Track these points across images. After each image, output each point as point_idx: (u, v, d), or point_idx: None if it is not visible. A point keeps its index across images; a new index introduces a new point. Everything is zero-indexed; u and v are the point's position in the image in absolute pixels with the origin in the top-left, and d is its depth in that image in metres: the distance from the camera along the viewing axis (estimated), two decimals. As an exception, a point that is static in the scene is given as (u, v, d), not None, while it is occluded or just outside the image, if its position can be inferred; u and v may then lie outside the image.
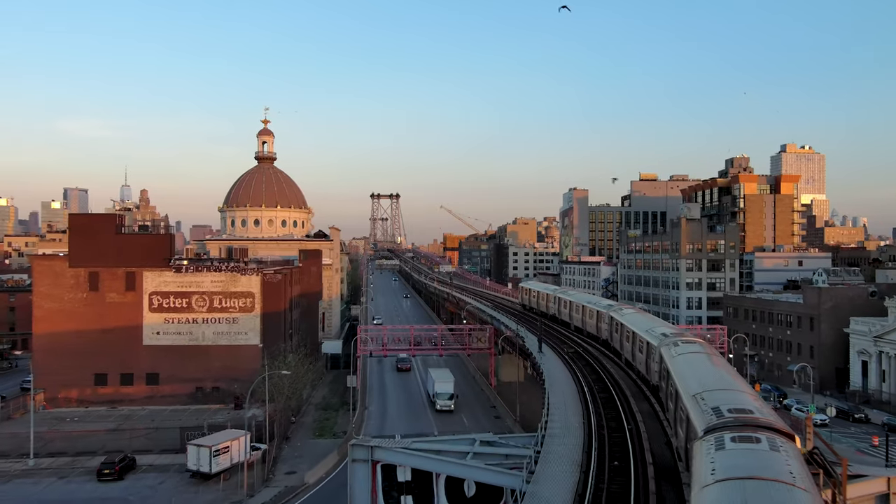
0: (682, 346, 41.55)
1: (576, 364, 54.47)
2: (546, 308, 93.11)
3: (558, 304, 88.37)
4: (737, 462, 20.66)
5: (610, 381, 49.72)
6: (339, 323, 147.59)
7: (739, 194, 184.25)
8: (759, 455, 21.22)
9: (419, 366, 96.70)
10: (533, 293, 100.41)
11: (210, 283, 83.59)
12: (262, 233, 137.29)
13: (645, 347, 50.21)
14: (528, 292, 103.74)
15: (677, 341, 43.23)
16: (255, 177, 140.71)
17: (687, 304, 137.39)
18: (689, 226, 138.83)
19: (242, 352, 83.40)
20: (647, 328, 52.38)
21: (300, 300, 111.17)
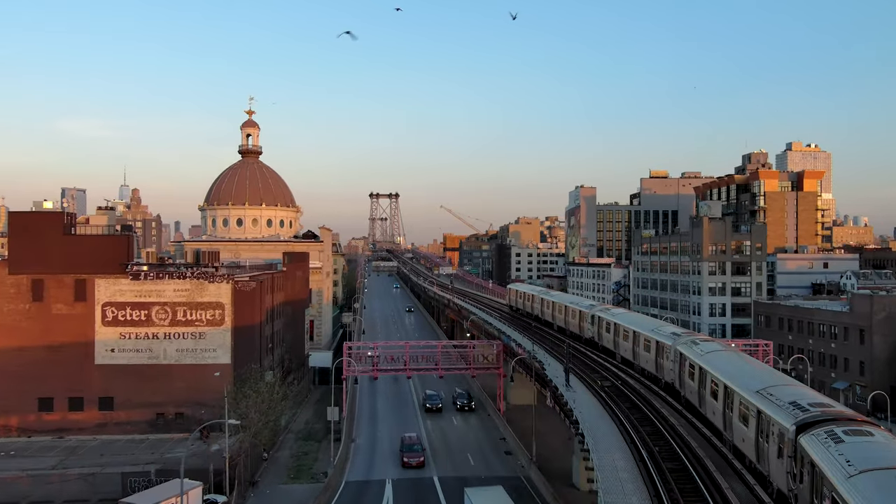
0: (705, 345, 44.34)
1: (616, 405, 42.75)
2: (531, 309, 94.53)
3: (542, 304, 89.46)
4: (868, 454, 23.14)
5: (672, 435, 38.13)
6: (330, 331, 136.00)
7: (759, 192, 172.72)
8: (883, 447, 24.13)
9: (416, 385, 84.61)
10: (519, 294, 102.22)
11: (173, 292, 72.00)
12: (245, 233, 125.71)
13: (653, 346, 51.57)
14: (514, 293, 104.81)
15: (696, 340, 46.64)
16: (238, 172, 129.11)
17: (710, 310, 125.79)
18: (711, 225, 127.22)
19: (210, 372, 71.79)
20: (653, 328, 54.71)
21: (284, 308, 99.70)
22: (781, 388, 32.51)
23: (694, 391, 42.23)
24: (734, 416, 34.77)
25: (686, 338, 48.42)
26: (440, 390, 79.28)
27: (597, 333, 66.83)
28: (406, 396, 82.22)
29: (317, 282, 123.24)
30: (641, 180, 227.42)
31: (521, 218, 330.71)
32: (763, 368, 39.38)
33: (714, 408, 38.18)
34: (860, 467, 22.15)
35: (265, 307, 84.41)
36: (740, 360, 41.03)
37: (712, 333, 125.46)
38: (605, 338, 64.58)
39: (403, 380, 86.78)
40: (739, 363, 40.20)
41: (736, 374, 36.96)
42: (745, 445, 33.30)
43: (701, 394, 40.71)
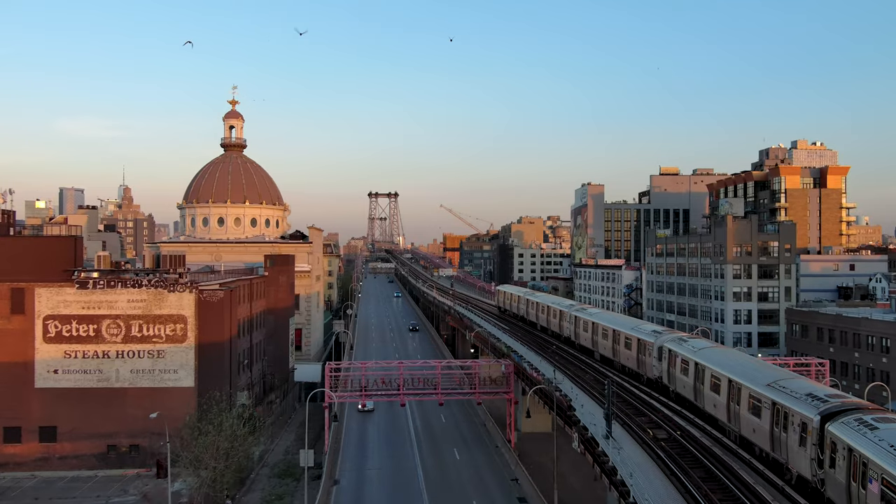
0: (695, 342, 47.24)
1: (685, 474, 31.81)
2: (517, 309, 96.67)
3: (527, 305, 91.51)
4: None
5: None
6: (321, 339, 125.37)
7: (780, 189, 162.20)
8: None
9: (413, 410, 73.72)
10: (506, 295, 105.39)
11: (127, 303, 61.43)
12: (227, 234, 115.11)
13: (635, 344, 53.92)
14: (503, 295, 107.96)
15: (683, 338, 49.37)
16: (219, 167, 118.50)
17: (734, 317, 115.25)
18: (736, 224, 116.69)
19: (170, 397, 61.34)
20: (633, 326, 57.52)
21: (265, 317, 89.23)
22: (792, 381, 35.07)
23: (688, 386, 44.44)
24: (741, 408, 36.84)
25: (670, 335, 51.32)
26: None
27: (574, 333, 69.95)
28: (401, 422, 71.57)
29: (305, 286, 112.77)
30: (651, 177, 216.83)
31: (523, 217, 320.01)
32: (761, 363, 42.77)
33: (715, 401, 40.36)
34: None
35: (239, 318, 73.82)
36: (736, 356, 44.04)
37: (737, 342, 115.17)
38: (582, 336, 67.53)
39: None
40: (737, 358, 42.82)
41: (738, 368, 39.49)
42: (757, 436, 35.26)
43: (697, 388, 43.03)
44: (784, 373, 38.32)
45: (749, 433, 36.49)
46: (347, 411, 74.13)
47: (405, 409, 70.12)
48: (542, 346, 67.15)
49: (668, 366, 48.34)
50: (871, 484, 25.43)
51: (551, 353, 62.50)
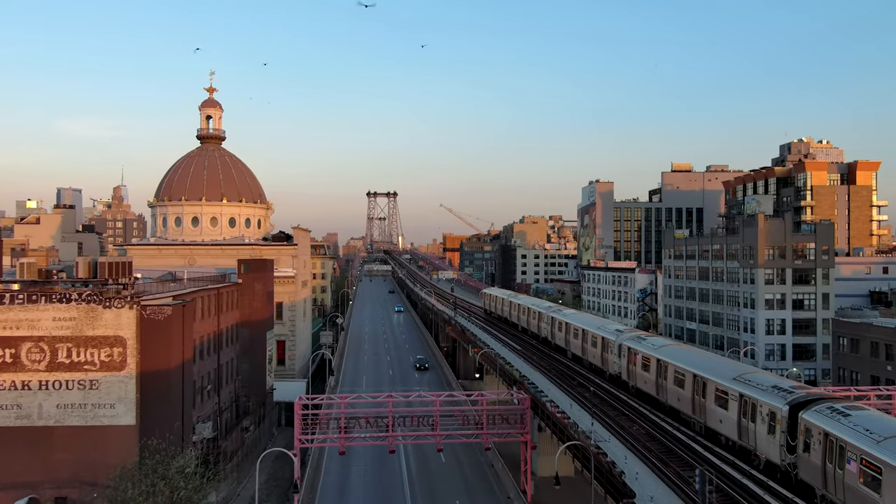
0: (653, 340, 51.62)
1: None
2: (501, 311, 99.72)
3: (509, 307, 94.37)
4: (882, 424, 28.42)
5: None
6: (307, 352, 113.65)
7: (805, 185, 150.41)
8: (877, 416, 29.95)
9: (407, 447, 61.40)
10: (492, 298, 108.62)
11: (52, 321, 49.82)
12: (202, 235, 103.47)
13: (599, 342, 57.74)
14: (488, 297, 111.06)
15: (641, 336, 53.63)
16: (194, 161, 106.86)
17: (766, 327, 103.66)
18: (768, 224, 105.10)
19: (106, 437, 49.80)
20: (599, 325, 61.09)
21: (238, 332, 77.86)
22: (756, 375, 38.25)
23: (649, 381, 46.49)
24: (707, 401, 39.31)
25: (630, 334, 54.16)
26: None
27: (550, 333, 72.83)
28: (391, 463, 59.72)
29: (289, 293, 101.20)
30: (663, 174, 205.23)
31: (526, 217, 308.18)
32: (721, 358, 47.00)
33: (679, 395, 42.36)
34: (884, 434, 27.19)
35: (200, 336, 62.27)
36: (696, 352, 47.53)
37: (769, 355, 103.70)
38: (557, 336, 70.27)
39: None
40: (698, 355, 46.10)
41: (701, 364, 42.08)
42: (724, 426, 37.91)
43: (660, 383, 44.88)
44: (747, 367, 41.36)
45: (716, 424, 38.71)
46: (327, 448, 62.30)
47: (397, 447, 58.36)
48: (563, 374, 56.11)
49: (627, 362, 51.12)
50: (850, 464, 27.96)
51: (579, 389, 50.94)
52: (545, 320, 75.28)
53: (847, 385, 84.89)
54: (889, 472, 26.22)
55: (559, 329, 69.70)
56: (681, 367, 42.71)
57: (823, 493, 30.48)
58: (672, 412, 44.09)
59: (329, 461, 60.71)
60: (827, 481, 29.83)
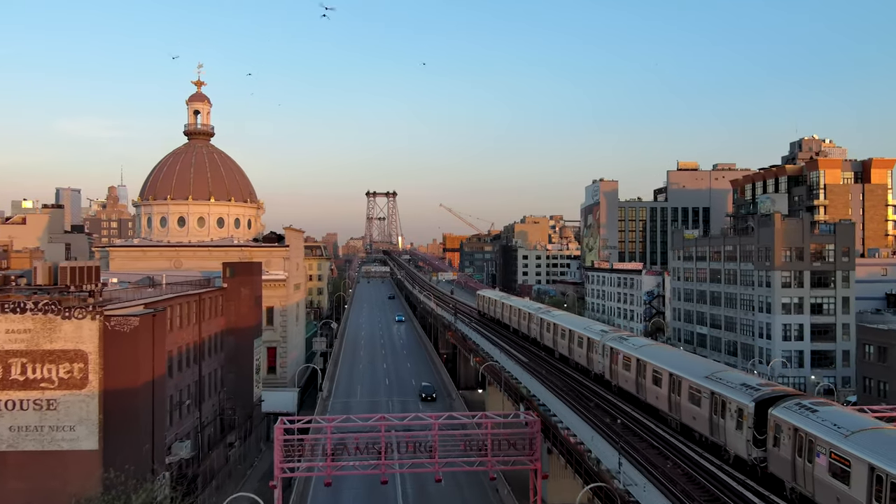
0: (635, 340, 52.94)
1: None
2: (493, 313, 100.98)
3: (501, 308, 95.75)
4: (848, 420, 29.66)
5: None
6: (300, 358, 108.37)
7: (818, 184, 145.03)
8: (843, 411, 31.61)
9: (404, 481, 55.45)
10: (485, 299, 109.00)
11: (5, 334, 44.57)
12: (188, 235, 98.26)
13: (585, 342, 58.81)
14: (482, 299, 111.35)
15: (623, 336, 54.78)
16: (181, 159, 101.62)
17: (783, 333, 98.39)
18: (785, 224, 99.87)
19: (66, 464, 44.56)
20: (585, 326, 62.55)
21: (222, 340, 72.67)
22: (727, 373, 39.68)
23: (630, 380, 48.49)
24: (682, 398, 40.68)
25: (614, 334, 55.41)
26: None
27: (539, 334, 73.90)
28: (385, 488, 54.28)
29: (280, 297, 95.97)
30: (668, 173, 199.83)
31: (527, 217, 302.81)
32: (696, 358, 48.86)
33: (657, 393, 44.32)
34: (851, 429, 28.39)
35: (177, 347, 57.14)
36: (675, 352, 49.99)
37: (787, 362, 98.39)
38: (545, 337, 71.26)
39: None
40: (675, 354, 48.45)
41: (677, 363, 43.89)
42: (697, 423, 39.24)
43: (639, 382, 46.93)
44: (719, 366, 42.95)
45: (690, 421, 39.95)
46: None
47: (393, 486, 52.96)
48: (579, 394, 50.72)
49: (610, 362, 52.38)
50: (819, 458, 29.32)
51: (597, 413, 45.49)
52: (535, 321, 76.35)
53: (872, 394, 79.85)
54: (857, 465, 27.34)
55: (547, 330, 70.89)
56: (658, 366, 44.31)
57: (793, 485, 31.62)
58: (650, 409, 45.74)
59: (316, 489, 55.32)
60: (797, 474, 30.98)
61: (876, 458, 26.37)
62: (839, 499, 28.18)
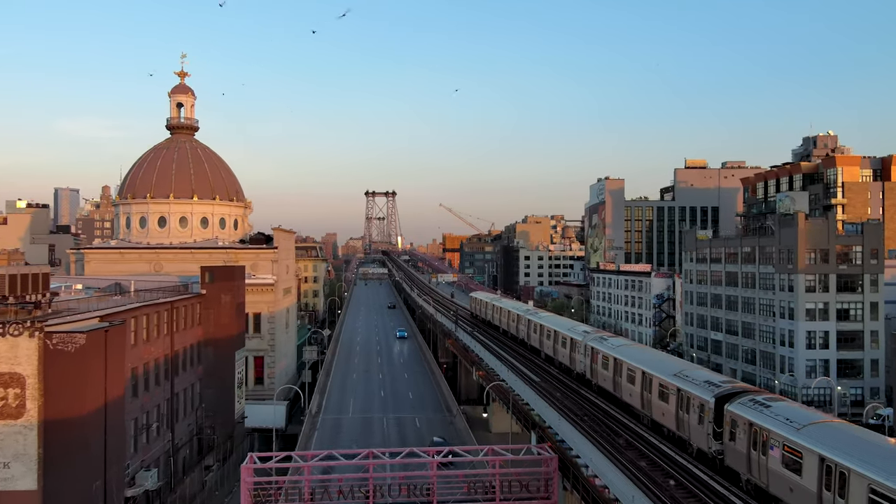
0: (614, 340, 54.39)
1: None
2: (485, 315, 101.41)
3: (492, 310, 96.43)
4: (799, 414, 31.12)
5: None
6: (290, 368, 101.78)
7: (835, 182, 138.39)
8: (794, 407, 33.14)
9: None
10: (478, 302, 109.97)
11: (-72, 353, 37.88)
12: (169, 237, 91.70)
13: (568, 343, 60.43)
14: (475, 301, 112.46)
15: (604, 337, 56.55)
16: (162, 154, 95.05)
17: (807, 340, 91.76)
18: (808, 225, 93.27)
19: (0, 505, 37.98)
20: (569, 327, 64.15)
21: (200, 352, 66.14)
22: (693, 371, 41.26)
23: (608, 378, 50.15)
24: (653, 395, 42.21)
25: (595, 335, 57.58)
26: None
27: (527, 335, 74.66)
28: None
29: (268, 303, 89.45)
30: (676, 171, 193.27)
31: (529, 216, 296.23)
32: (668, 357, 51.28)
33: (631, 391, 45.84)
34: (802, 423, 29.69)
35: (137, 364, 50.54)
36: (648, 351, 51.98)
37: (811, 373, 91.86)
38: (532, 338, 72.32)
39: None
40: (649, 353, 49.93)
41: (650, 361, 45.35)
42: (665, 418, 40.62)
43: (616, 380, 48.50)
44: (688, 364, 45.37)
45: (659, 417, 41.70)
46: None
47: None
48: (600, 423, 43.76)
49: (590, 361, 53.65)
50: (773, 450, 30.39)
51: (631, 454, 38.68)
52: (523, 323, 77.41)
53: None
54: (809, 456, 28.47)
55: (535, 331, 72.10)
56: (632, 364, 45.83)
57: (748, 477, 32.73)
58: (626, 407, 47.25)
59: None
60: (752, 466, 32.17)
61: (826, 449, 27.66)
62: (792, 489, 29.34)
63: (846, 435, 28.79)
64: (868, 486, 25.08)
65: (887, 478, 24.41)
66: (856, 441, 27.96)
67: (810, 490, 28.09)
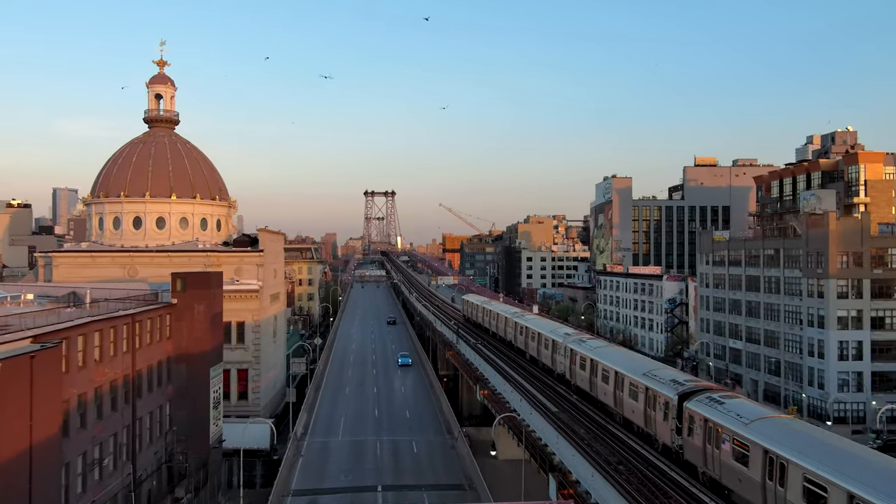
0: (592, 342, 55.96)
1: None
2: (475, 317, 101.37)
3: (483, 313, 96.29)
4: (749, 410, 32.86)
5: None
6: (278, 380, 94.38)
7: (857, 180, 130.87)
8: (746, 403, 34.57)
9: None
10: (469, 304, 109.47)
11: None
12: (145, 239, 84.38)
13: (550, 344, 61.86)
14: (467, 304, 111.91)
15: (583, 339, 58.09)
16: (138, 150, 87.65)
17: (839, 351, 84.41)
18: (840, 225, 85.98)
19: None
20: (551, 329, 65.52)
21: (170, 369, 58.84)
22: (661, 371, 42.95)
23: (585, 379, 51.91)
24: (624, 394, 44.20)
25: (575, 337, 59.23)
26: None
27: (514, 336, 75.87)
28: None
29: (253, 311, 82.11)
30: (685, 169, 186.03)
31: (531, 216, 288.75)
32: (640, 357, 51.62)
33: (605, 390, 47.79)
34: (751, 418, 31.52)
35: (86, 391, 43.20)
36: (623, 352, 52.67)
37: (843, 386, 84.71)
38: (518, 339, 74.01)
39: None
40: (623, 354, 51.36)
41: (622, 362, 47.10)
42: (635, 416, 42.64)
43: (592, 380, 50.36)
44: (658, 364, 46.35)
45: (630, 414, 43.68)
46: None
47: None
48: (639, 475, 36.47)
49: (569, 362, 55.82)
50: (724, 444, 32.17)
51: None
52: (510, 325, 78.73)
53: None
54: (755, 449, 30.25)
55: (520, 333, 73.54)
56: (607, 364, 47.55)
57: (704, 470, 34.59)
58: (601, 406, 49.05)
59: None
60: (707, 460, 34.05)
61: (769, 442, 29.33)
62: (740, 480, 30.98)
63: (789, 429, 30.65)
64: (803, 474, 26.90)
65: (818, 466, 26.29)
66: (797, 435, 29.84)
67: (756, 480, 29.99)
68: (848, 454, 27.08)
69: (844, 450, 27.66)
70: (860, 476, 24.87)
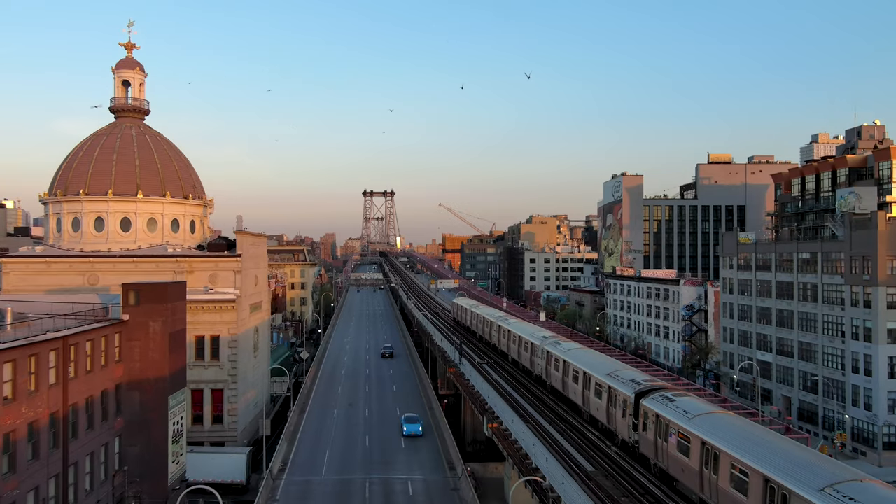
0: (566, 344, 58.31)
1: None
2: (464, 320, 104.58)
3: (470, 316, 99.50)
4: (694, 407, 35.72)
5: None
6: (259, 401, 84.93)
7: (890, 177, 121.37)
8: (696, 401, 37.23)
9: None
10: (458, 307, 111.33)
11: None
12: (108, 241, 75.01)
13: (529, 347, 64.77)
14: (457, 307, 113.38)
15: (559, 341, 60.14)
16: (102, 142, 78.26)
17: (889, 368, 75.03)
18: (890, 226, 76.64)
19: None
20: (531, 332, 68.01)
21: (118, 399, 49.73)
22: (624, 371, 45.78)
23: (558, 379, 54.69)
24: (591, 393, 47.38)
25: (552, 339, 61.48)
26: None
27: (497, 340, 79.61)
28: None
29: (229, 323, 72.77)
30: (698, 167, 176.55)
31: (534, 216, 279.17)
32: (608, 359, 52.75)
33: (575, 389, 50.73)
34: (694, 413, 34.64)
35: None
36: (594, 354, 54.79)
37: (893, 408, 75.30)
38: (502, 343, 77.30)
39: None
40: (594, 356, 53.63)
41: (591, 363, 49.89)
42: (599, 413, 45.72)
43: (564, 381, 53.18)
44: (622, 365, 48.62)
45: (595, 411, 46.56)
46: None
47: None
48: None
49: (545, 364, 58.61)
50: (671, 437, 35.13)
51: None
52: (494, 328, 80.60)
53: None
54: (695, 441, 33.15)
55: (503, 336, 75.76)
56: (577, 366, 50.21)
57: (655, 461, 37.58)
58: (572, 405, 51.94)
59: None
60: (657, 452, 36.90)
61: (706, 434, 32.36)
62: (683, 469, 34.08)
63: (726, 424, 33.14)
64: (730, 462, 30.08)
65: (742, 454, 29.45)
66: (731, 428, 32.45)
67: (695, 469, 32.91)
68: (773, 446, 29.81)
69: (771, 442, 30.28)
70: (776, 463, 27.91)
